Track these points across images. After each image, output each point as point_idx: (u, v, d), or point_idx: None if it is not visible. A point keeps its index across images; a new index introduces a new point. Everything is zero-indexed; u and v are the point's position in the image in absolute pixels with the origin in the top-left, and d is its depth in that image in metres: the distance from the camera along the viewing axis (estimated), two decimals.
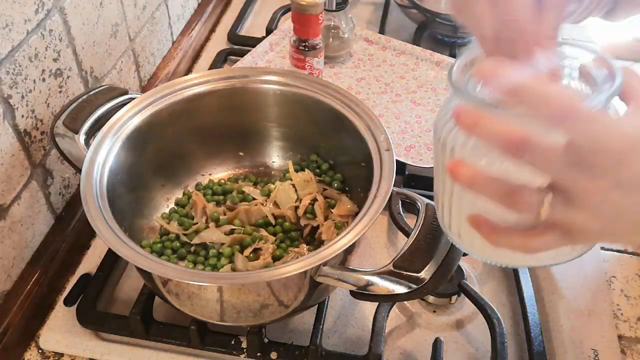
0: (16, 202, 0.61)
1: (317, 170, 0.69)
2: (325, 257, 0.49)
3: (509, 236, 0.40)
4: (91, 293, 0.64)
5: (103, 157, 0.58)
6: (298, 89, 0.66)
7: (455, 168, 0.39)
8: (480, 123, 0.37)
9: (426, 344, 0.61)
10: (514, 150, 0.35)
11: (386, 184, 0.55)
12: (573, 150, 0.35)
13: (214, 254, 0.63)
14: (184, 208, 0.68)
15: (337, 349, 0.60)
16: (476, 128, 0.37)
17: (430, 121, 0.82)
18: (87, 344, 0.61)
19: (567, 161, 0.35)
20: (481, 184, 0.38)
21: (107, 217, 0.52)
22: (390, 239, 0.73)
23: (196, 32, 1.02)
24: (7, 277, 0.62)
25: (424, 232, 0.50)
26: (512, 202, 0.37)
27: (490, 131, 0.36)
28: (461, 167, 0.38)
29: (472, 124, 0.37)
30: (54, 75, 0.65)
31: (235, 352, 0.60)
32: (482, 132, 0.37)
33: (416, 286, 0.48)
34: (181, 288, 0.53)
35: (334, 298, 0.66)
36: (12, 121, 0.59)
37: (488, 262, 0.49)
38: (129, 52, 0.83)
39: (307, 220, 0.66)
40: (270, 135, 0.72)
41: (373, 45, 0.97)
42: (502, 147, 0.36)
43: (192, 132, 0.68)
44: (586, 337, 0.62)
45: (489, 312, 0.60)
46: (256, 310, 0.54)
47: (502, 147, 0.36)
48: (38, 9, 0.61)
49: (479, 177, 0.38)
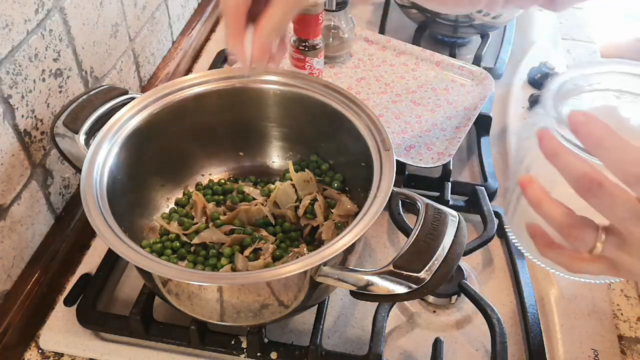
0: (16, 202, 0.61)
1: (317, 170, 0.69)
2: (325, 257, 0.49)
3: (559, 253, 0.42)
4: (91, 293, 0.64)
5: (103, 157, 0.58)
6: (298, 89, 0.66)
7: (527, 184, 0.41)
8: (562, 154, 0.39)
9: (426, 344, 0.61)
10: (585, 191, 0.38)
11: (386, 184, 0.55)
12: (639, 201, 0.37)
13: (214, 254, 0.63)
14: (184, 208, 0.68)
15: (337, 349, 0.60)
16: (556, 158, 0.39)
17: (430, 121, 0.82)
18: (87, 344, 0.61)
19: (630, 212, 0.37)
20: (545, 207, 0.41)
21: (107, 217, 0.52)
22: (390, 239, 0.73)
23: (196, 32, 1.02)
24: (7, 277, 0.62)
25: (424, 232, 0.50)
26: (568, 233, 0.40)
27: (568, 166, 0.38)
28: (531, 186, 0.41)
29: (553, 152, 0.39)
30: (54, 75, 0.65)
31: (235, 352, 0.60)
32: (559, 163, 0.39)
33: (416, 286, 0.48)
34: (181, 288, 0.53)
35: (334, 298, 0.66)
36: (12, 121, 0.59)
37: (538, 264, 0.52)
38: (129, 52, 0.83)
39: (307, 220, 0.66)
40: (270, 135, 0.72)
41: (373, 45, 0.97)
42: (575, 183, 0.38)
43: (192, 132, 0.68)
44: (586, 337, 0.62)
45: (489, 312, 0.60)
46: (256, 310, 0.54)
47: (575, 183, 0.38)
48: (38, 9, 0.61)
49: (545, 200, 0.41)
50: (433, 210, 0.52)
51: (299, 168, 0.70)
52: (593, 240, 0.39)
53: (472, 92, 0.88)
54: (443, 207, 0.53)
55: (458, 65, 0.91)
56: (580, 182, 0.38)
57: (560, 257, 0.42)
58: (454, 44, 1.02)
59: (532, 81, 0.95)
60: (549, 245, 0.43)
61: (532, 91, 0.93)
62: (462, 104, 0.85)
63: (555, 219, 0.40)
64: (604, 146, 0.37)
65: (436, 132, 0.81)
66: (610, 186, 0.37)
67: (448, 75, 0.91)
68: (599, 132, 0.37)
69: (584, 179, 0.37)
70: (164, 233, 0.65)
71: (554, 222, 0.40)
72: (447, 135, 0.80)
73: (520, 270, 0.67)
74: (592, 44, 1.08)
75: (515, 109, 0.91)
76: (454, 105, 0.85)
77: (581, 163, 0.38)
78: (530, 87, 0.95)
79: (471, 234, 0.73)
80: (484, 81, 0.88)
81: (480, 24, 0.98)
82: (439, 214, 0.52)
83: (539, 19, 1.11)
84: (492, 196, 0.76)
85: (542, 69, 0.94)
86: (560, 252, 0.42)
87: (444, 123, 0.82)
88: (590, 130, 0.37)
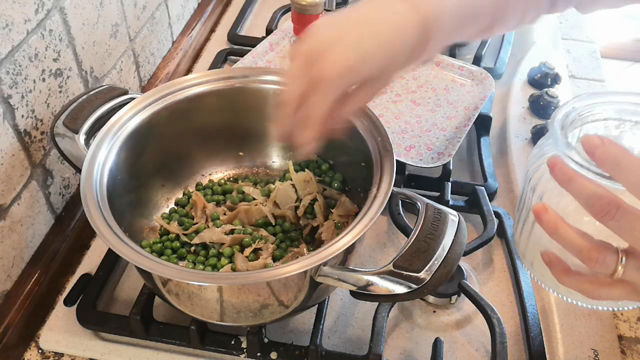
0: (16, 202, 0.61)
1: (317, 170, 0.69)
2: (325, 257, 0.49)
3: (578, 280, 0.42)
4: (91, 293, 0.64)
5: (103, 157, 0.58)
6: None
7: (542, 213, 0.41)
8: (576, 180, 0.39)
9: (426, 344, 0.61)
10: (603, 214, 0.37)
11: (386, 184, 0.55)
12: None
13: (214, 254, 0.63)
14: (184, 208, 0.68)
15: (337, 349, 0.60)
16: (570, 184, 0.39)
17: (430, 121, 0.82)
18: (87, 344, 0.61)
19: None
20: (562, 235, 0.40)
21: (107, 217, 0.52)
22: (390, 239, 0.73)
23: (196, 32, 1.02)
24: (7, 277, 0.62)
25: (424, 232, 0.50)
26: (589, 257, 0.39)
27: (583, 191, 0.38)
28: (546, 214, 0.41)
29: (567, 179, 0.39)
30: (54, 75, 0.65)
31: (235, 352, 0.60)
32: (574, 189, 0.39)
33: (416, 286, 0.48)
34: (181, 288, 0.53)
35: (334, 298, 0.66)
36: (12, 121, 0.59)
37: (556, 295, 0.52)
38: (129, 52, 0.83)
39: (307, 220, 0.66)
40: (270, 135, 0.72)
41: None
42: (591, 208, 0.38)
43: (192, 132, 0.68)
44: (586, 337, 0.62)
45: (489, 312, 0.60)
46: (256, 310, 0.54)
47: (591, 209, 0.38)
48: (38, 9, 0.61)
49: (562, 227, 0.40)
50: (433, 210, 0.52)
51: (299, 168, 0.70)
52: (614, 264, 0.39)
53: (472, 92, 0.88)
54: (443, 207, 0.53)
55: (458, 65, 0.91)
56: (597, 206, 0.37)
57: (579, 283, 0.42)
58: (454, 44, 1.02)
59: (532, 81, 0.95)
60: (567, 272, 0.42)
61: (532, 91, 0.93)
62: (462, 104, 0.85)
63: (573, 243, 0.40)
64: (621, 167, 0.37)
65: (436, 132, 0.81)
66: (628, 208, 0.37)
67: (448, 75, 0.91)
68: (616, 154, 0.37)
69: (600, 202, 0.37)
70: (164, 233, 0.65)
71: (573, 247, 0.40)
72: (447, 135, 0.80)
73: (520, 270, 0.67)
74: (592, 44, 1.08)
75: (515, 109, 0.91)
76: (454, 105, 0.85)
77: (597, 187, 0.38)
78: (530, 87, 0.95)
79: (471, 234, 0.73)
80: (484, 81, 0.88)
81: None
82: (439, 214, 0.52)
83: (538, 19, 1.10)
84: (492, 196, 0.76)
85: (542, 69, 0.94)
86: (579, 278, 0.42)
87: (444, 123, 0.82)
88: (607, 152, 0.37)
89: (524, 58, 1.00)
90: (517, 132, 0.87)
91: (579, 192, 0.39)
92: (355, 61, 0.47)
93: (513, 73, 0.97)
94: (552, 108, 0.89)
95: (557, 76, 0.94)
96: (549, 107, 0.89)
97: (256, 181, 0.72)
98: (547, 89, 0.90)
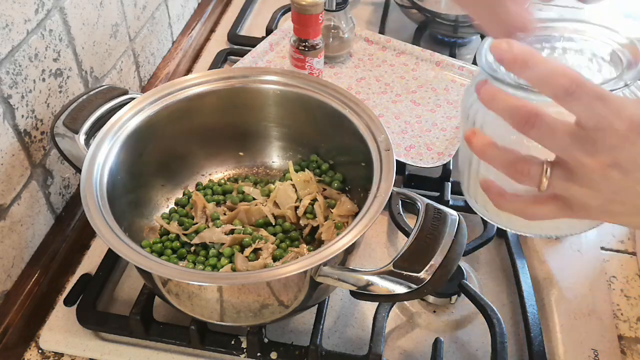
0: (16, 202, 0.61)
1: (317, 170, 0.69)
2: (325, 257, 0.49)
3: (512, 201, 0.43)
4: (91, 293, 0.64)
5: (103, 157, 0.58)
6: (298, 89, 0.66)
7: (471, 137, 0.42)
8: (497, 97, 0.40)
9: (426, 344, 0.61)
10: (523, 124, 0.38)
11: (386, 184, 0.55)
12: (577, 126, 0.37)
13: (214, 254, 0.63)
14: (184, 208, 0.68)
15: (337, 349, 0.60)
16: (493, 102, 0.40)
17: (430, 121, 0.82)
18: (87, 344, 0.61)
19: (571, 138, 0.37)
20: (490, 153, 0.41)
21: (107, 217, 0.52)
22: (390, 239, 0.73)
23: (196, 32, 1.02)
24: (7, 277, 0.62)
25: (424, 232, 0.50)
26: (514, 171, 0.40)
27: (504, 105, 0.39)
28: (475, 137, 0.42)
29: (490, 98, 0.40)
30: (54, 75, 0.65)
31: (235, 352, 0.60)
32: (497, 106, 0.40)
33: (416, 286, 0.48)
34: (181, 288, 0.53)
35: (334, 298, 0.66)
36: (12, 121, 0.59)
37: (501, 227, 0.52)
38: (129, 52, 0.83)
39: (307, 220, 0.66)
40: (270, 135, 0.72)
41: (373, 45, 0.97)
42: (513, 120, 0.39)
43: (192, 132, 0.68)
44: (586, 337, 0.62)
45: (489, 312, 0.60)
46: (256, 310, 0.54)
47: (513, 121, 0.39)
48: (38, 9, 0.61)
49: (490, 147, 0.41)
50: (433, 210, 0.52)
51: (299, 168, 0.70)
52: (539, 175, 0.39)
53: None
54: (443, 207, 0.53)
55: (458, 65, 0.91)
56: (517, 117, 0.38)
57: (514, 205, 0.43)
58: (454, 44, 1.02)
59: None
60: (503, 196, 0.43)
61: None
62: None
63: (499, 160, 0.41)
64: (528, 66, 0.37)
65: (436, 132, 0.81)
66: (546, 116, 0.37)
67: (448, 75, 0.91)
68: (522, 55, 0.38)
69: (520, 112, 0.38)
70: (164, 233, 0.65)
71: (499, 163, 0.41)
72: (447, 135, 0.80)
73: (520, 270, 0.67)
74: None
75: None
76: (454, 105, 0.85)
77: (516, 100, 0.39)
78: None
79: (471, 234, 0.73)
80: None
81: None
82: (439, 214, 0.52)
83: None
84: None
85: None
86: (513, 200, 0.43)
87: (444, 123, 0.82)
88: (514, 55, 0.38)
89: None
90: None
91: (501, 108, 0.39)
92: None
93: None
94: None
95: None
96: None
97: (256, 181, 0.72)
98: None
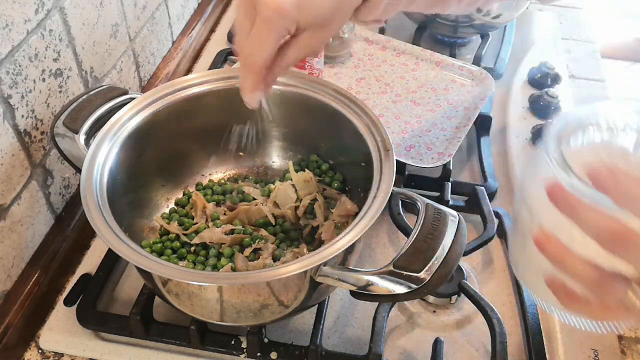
0: (16, 202, 0.61)
1: (317, 170, 0.69)
2: (325, 257, 0.49)
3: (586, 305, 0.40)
4: (91, 293, 0.64)
5: (103, 157, 0.58)
6: (298, 89, 0.66)
7: (543, 241, 0.38)
8: (579, 209, 0.36)
9: (426, 344, 0.61)
10: (611, 244, 0.35)
11: (386, 184, 0.55)
12: None
13: (214, 254, 0.63)
14: (184, 208, 0.68)
15: (337, 349, 0.60)
16: (574, 213, 0.36)
17: (430, 121, 0.82)
18: (87, 344, 0.61)
19: None
20: (569, 265, 0.38)
21: (107, 217, 0.52)
22: (390, 239, 0.73)
23: (196, 32, 1.02)
24: (7, 277, 0.62)
25: (424, 232, 0.50)
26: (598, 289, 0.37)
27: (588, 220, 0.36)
28: (550, 242, 0.38)
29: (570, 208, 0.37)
30: (54, 75, 0.65)
31: (235, 352, 0.60)
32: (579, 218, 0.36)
33: (416, 286, 0.48)
34: (181, 288, 0.53)
35: (334, 298, 0.66)
36: (12, 121, 0.59)
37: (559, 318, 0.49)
38: (129, 52, 0.83)
39: (307, 220, 0.66)
40: (270, 135, 0.72)
41: (373, 45, 0.97)
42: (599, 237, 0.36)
43: (192, 132, 0.68)
44: (586, 337, 0.62)
45: (489, 312, 0.60)
46: (256, 310, 0.54)
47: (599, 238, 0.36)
48: (38, 9, 0.61)
49: (568, 257, 0.38)
50: (433, 210, 0.52)
51: (299, 168, 0.70)
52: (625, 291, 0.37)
53: (472, 92, 0.88)
54: (443, 207, 0.53)
55: (458, 65, 0.91)
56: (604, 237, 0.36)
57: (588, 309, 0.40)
58: (454, 44, 1.02)
59: (532, 81, 0.95)
60: (573, 299, 0.40)
61: (532, 91, 0.93)
62: (462, 104, 0.85)
63: (581, 273, 0.38)
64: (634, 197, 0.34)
65: (436, 132, 0.81)
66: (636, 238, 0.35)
67: (448, 75, 0.91)
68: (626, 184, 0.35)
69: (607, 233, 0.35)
70: (164, 233, 0.65)
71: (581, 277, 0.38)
72: (447, 135, 0.80)
73: None
74: (592, 44, 1.08)
75: (515, 109, 0.91)
76: (454, 105, 0.85)
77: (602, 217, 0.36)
78: (531, 87, 0.95)
79: (471, 234, 0.73)
80: (484, 81, 0.88)
81: (480, 24, 0.98)
82: (439, 214, 0.52)
83: (539, 19, 1.11)
84: (492, 196, 0.76)
85: (542, 69, 0.94)
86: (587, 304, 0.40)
87: (444, 123, 0.82)
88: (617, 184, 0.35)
89: (524, 58, 1.00)
90: (517, 132, 0.87)
91: (584, 223, 0.36)
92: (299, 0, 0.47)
93: (513, 73, 0.97)
94: (552, 108, 0.89)
95: (557, 76, 0.94)
96: (549, 107, 0.89)
97: (256, 181, 0.72)
98: (547, 89, 0.90)
